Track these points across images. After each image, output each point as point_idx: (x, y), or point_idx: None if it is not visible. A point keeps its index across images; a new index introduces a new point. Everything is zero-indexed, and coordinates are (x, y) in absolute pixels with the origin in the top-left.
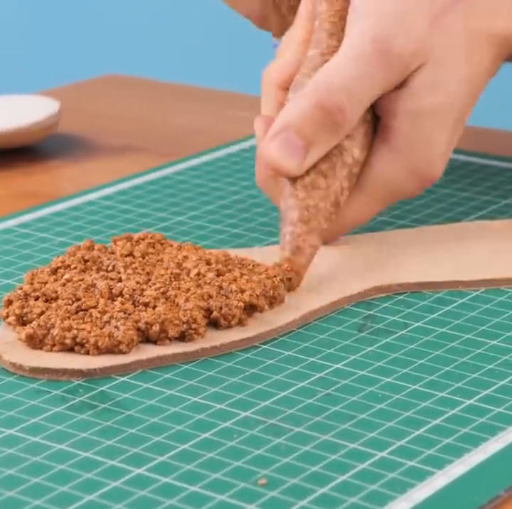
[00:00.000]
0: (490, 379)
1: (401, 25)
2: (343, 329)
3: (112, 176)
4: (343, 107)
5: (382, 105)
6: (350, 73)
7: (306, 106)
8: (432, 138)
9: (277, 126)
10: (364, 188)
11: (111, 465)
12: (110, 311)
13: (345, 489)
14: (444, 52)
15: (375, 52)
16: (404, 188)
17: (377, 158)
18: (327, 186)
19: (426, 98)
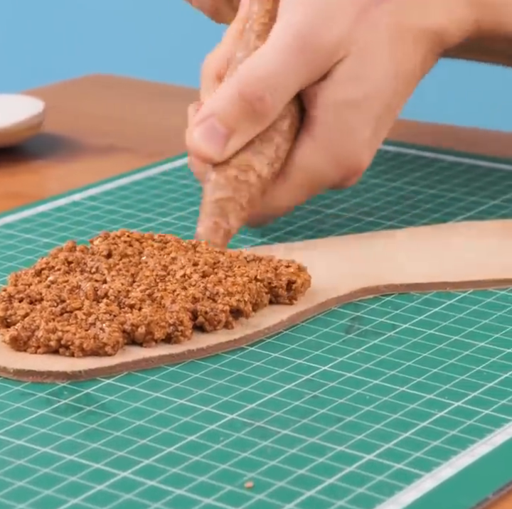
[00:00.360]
0: (478, 381)
1: (325, 18)
2: (331, 331)
3: (96, 176)
4: (264, 97)
5: (305, 96)
6: (273, 64)
7: (228, 95)
8: (353, 129)
9: (202, 114)
10: (288, 177)
11: (96, 468)
12: (95, 312)
13: (333, 492)
14: (367, 46)
15: (297, 44)
16: (327, 177)
17: (300, 148)
18: (246, 176)
19: (347, 90)
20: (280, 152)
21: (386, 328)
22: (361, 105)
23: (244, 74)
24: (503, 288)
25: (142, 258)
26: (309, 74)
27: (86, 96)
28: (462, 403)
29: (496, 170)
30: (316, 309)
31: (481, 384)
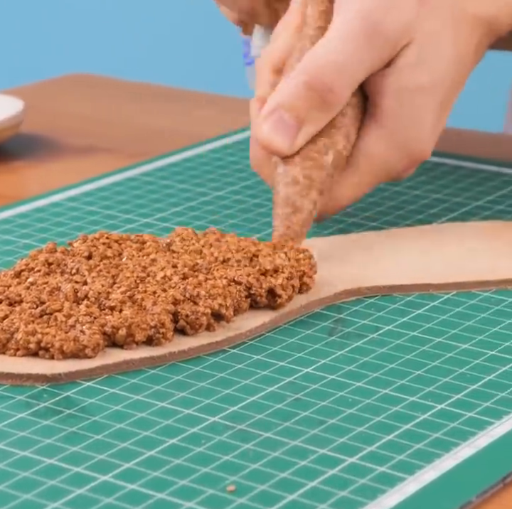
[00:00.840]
0: (461, 384)
1: (389, 4)
2: (313, 333)
3: (77, 177)
4: (332, 86)
5: (370, 84)
6: (339, 51)
7: (295, 85)
8: (419, 116)
9: (269, 107)
10: (354, 166)
11: (76, 472)
12: (75, 314)
13: (315, 495)
14: (430, 32)
15: (363, 31)
16: (393, 166)
17: (366, 137)
18: (318, 164)
19: (412, 77)
20: (349, 139)
21: (369, 330)
22: (426, 91)
23: (310, 64)
24: (487, 289)
25: (122, 259)
26: (376, 61)
27: (66, 96)
28: (445, 405)
29: (479, 172)
30: (298, 311)
31: (465, 387)
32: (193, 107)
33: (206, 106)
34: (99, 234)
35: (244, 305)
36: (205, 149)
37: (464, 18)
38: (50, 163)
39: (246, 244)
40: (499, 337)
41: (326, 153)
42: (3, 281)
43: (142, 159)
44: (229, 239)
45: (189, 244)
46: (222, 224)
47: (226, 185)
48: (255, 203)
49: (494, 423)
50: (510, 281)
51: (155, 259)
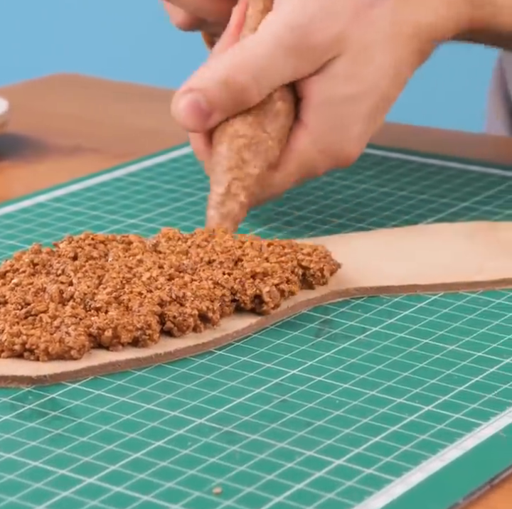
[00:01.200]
0: (448, 385)
1: (324, 15)
2: (300, 334)
3: (63, 178)
4: (246, 87)
5: (299, 88)
6: (263, 55)
7: (218, 76)
8: (345, 124)
9: (190, 84)
10: (280, 165)
11: (61, 474)
12: (61, 315)
13: (301, 497)
14: (362, 46)
15: (293, 38)
16: (318, 167)
17: (295, 137)
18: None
19: (341, 87)
20: (280, 139)
21: (356, 332)
22: (354, 102)
23: (234, 60)
24: (474, 290)
25: (108, 260)
26: (299, 69)
27: (52, 95)
28: (433, 407)
29: (466, 172)
30: (285, 312)
31: (452, 388)
32: None
33: None
34: (84, 235)
35: (228, 309)
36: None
37: (401, 31)
38: (36, 163)
39: (232, 245)
40: (486, 338)
41: (262, 142)
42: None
43: (129, 159)
44: (217, 239)
45: (175, 244)
46: None
47: None
48: None
49: (481, 424)
50: (497, 282)
51: (141, 259)
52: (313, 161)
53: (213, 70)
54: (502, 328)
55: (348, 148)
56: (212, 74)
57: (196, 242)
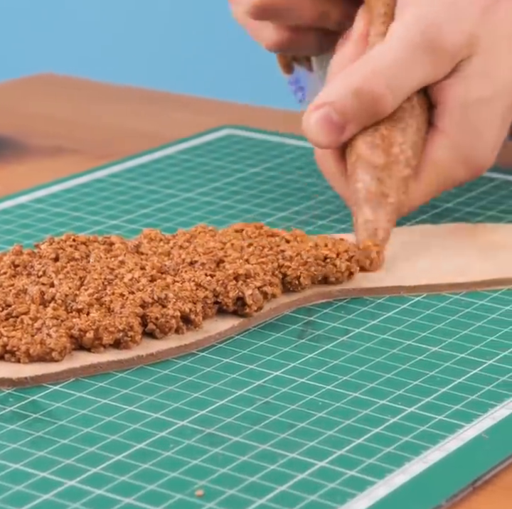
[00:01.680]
0: (431, 387)
1: (452, 15)
2: (283, 336)
3: (44, 178)
4: (384, 95)
5: (433, 93)
6: (395, 61)
7: (348, 87)
8: (481, 126)
9: (320, 100)
10: (418, 175)
11: (42, 477)
12: (42, 317)
13: (284, 500)
14: (493, 42)
15: (424, 42)
16: (456, 175)
17: (432, 145)
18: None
19: (475, 88)
20: (416, 149)
21: (339, 333)
22: (490, 103)
23: (366, 69)
24: (457, 292)
25: (90, 261)
26: (433, 73)
27: (33, 96)
28: (415, 409)
29: None
30: (268, 314)
31: (435, 390)
32: (162, 109)
33: (175, 108)
34: (66, 236)
35: (210, 311)
36: (174, 150)
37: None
38: (16, 164)
39: (214, 246)
40: (469, 340)
41: (400, 160)
42: None
43: (110, 160)
44: (198, 240)
45: (157, 245)
46: (190, 225)
47: (195, 187)
48: (225, 205)
49: (464, 426)
50: (480, 283)
51: (123, 261)
52: (450, 169)
53: (343, 82)
54: (485, 330)
55: (488, 155)
56: (343, 87)
57: (178, 243)
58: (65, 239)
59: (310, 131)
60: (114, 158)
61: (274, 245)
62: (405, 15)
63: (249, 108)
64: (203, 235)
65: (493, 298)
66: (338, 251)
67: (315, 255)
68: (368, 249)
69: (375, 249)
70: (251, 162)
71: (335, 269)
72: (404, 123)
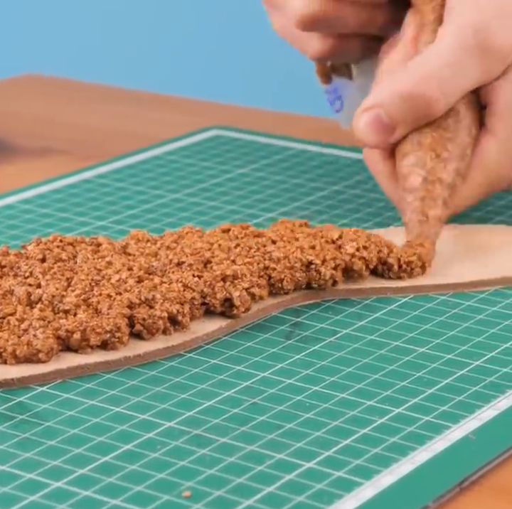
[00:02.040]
0: (418, 388)
1: (501, 18)
2: (270, 336)
3: (31, 179)
4: (436, 98)
5: (483, 94)
6: (447, 63)
7: (399, 89)
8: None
9: (370, 102)
10: (468, 176)
11: (29, 478)
12: (29, 318)
13: (272, 501)
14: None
15: (475, 44)
16: (504, 178)
17: (482, 147)
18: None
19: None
20: (467, 150)
21: (326, 334)
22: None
23: (415, 72)
24: (444, 293)
25: (77, 262)
26: (484, 75)
27: (20, 96)
28: (403, 409)
29: None
30: (255, 315)
31: (422, 391)
32: (149, 109)
33: (162, 108)
34: (53, 237)
35: (198, 312)
36: (161, 151)
37: None
38: (4, 164)
39: (202, 247)
40: (456, 340)
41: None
42: None
43: (98, 161)
44: (186, 241)
45: (144, 246)
46: (178, 226)
47: (182, 188)
48: (212, 206)
49: (451, 427)
50: (466, 284)
51: (110, 261)
52: (499, 171)
53: (394, 85)
54: (471, 330)
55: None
56: (394, 90)
57: (166, 243)
58: (52, 240)
59: (360, 132)
60: (102, 158)
61: (260, 246)
62: (455, 18)
63: (238, 109)
64: (191, 236)
65: (480, 298)
66: (324, 258)
67: (301, 259)
68: (417, 248)
69: (424, 248)
70: (239, 163)
71: (318, 276)
72: (455, 124)
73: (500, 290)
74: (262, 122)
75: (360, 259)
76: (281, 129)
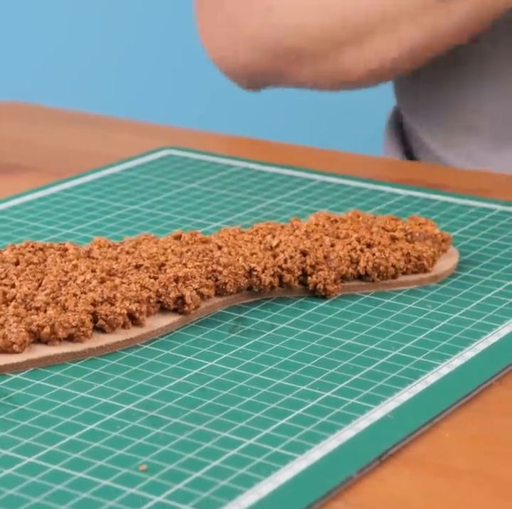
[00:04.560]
0: (345, 374)
1: None
2: (217, 330)
3: (5, 193)
4: None
5: None
6: None
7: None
8: None
9: None
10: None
11: (4, 454)
12: (4, 314)
13: (217, 473)
14: None
15: None
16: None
17: None
18: None
19: None
20: None
21: (265, 328)
22: None
23: None
24: (368, 292)
25: (47, 265)
26: None
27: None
28: (331, 393)
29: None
30: (204, 311)
31: (348, 377)
32: (109, 131)
33: (121, 130)
34: (25, 243)
35: (153, 309)
36: (120, 169)
37: None
38: None
39: (157, 252)
40: (377, 333)
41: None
42: None
43: (64, 177)
44: (143, 246)
45: (106, 251)
46: (135, 234)
47: (139, 200)
48: (165, 216)
49: (373, 408)
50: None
51: (76, 264)
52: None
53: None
54: (391, 324)
55: None
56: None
57: (125, 248)
58: (25, 245)
59: None
60: (67, 174)
61: (208, 251)
62: None
63: (186, 131)
64: (147, 242)
65: (398, 297)
66: (265, 266)
67: (244, 267)
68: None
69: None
70: (188, 178)
71: (259, 282)
72: None
73: (416, 289)
74: (208, 143)
75: (289, 272)
76: (226, 149)
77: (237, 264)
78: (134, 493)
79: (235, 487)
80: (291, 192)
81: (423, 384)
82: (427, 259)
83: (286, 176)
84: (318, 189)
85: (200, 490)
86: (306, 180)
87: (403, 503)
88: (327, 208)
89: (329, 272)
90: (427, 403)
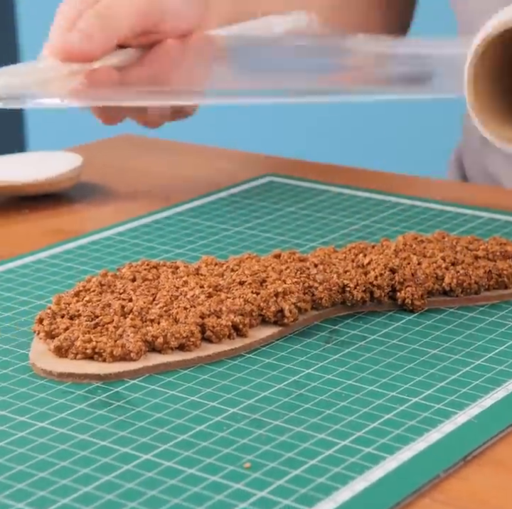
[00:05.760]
0: (431, 382)
1: None
2: (313, 341)
3: (124, 216)
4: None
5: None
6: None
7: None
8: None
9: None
10: None
11: (123, 451)
12: (123, 326)
13: (315, 471)
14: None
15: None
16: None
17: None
18: None
19: None
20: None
21: (358, 339)
22: None
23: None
24: (452, 306)
25: (160, 281)
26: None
27: (115, 152)
28: (419, 399)
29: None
30: (301, 323)
31: (434, 384)
32: (214, 160)
33: (224, 159)
34: (141, 262)
35: (255, 322)
36: (227, 194)
37: None
38: (103, 205)
39: (258, 269)
40: (461, 344)
41: None
42: (65, 299)
43: (176, 202)
44: (246, 264)
45: (213, 268)
46: (239, 253)
47: (243, 223)
48: (267, 237)
49: (458, 413)
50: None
51: (186, 281)
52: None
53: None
54: (474, 336)
55: None
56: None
57: (230, 266)
58: (141, 264)
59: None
60: (179, 199)
61: (305, 268)
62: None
63: (285, 160)
64: (250, 261)
65: (481, 311)
66: (357, 282)
67: (337, 283)
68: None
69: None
70: (288, 203)
71: (351, 297)
72: None
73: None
74: (305, 170)
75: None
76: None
77: (331, 281)
78: (239, 488)
79: (330, 484)
80: (382, 214)
81: (504, 391)
82: (507, 277)
83: (377, 200)
84: (406, 212)
85: (299, 487)
86: (396, 204)
87: (484, 501)
88: (415, 230)
89: (416, 288)
90: (509, 408)
